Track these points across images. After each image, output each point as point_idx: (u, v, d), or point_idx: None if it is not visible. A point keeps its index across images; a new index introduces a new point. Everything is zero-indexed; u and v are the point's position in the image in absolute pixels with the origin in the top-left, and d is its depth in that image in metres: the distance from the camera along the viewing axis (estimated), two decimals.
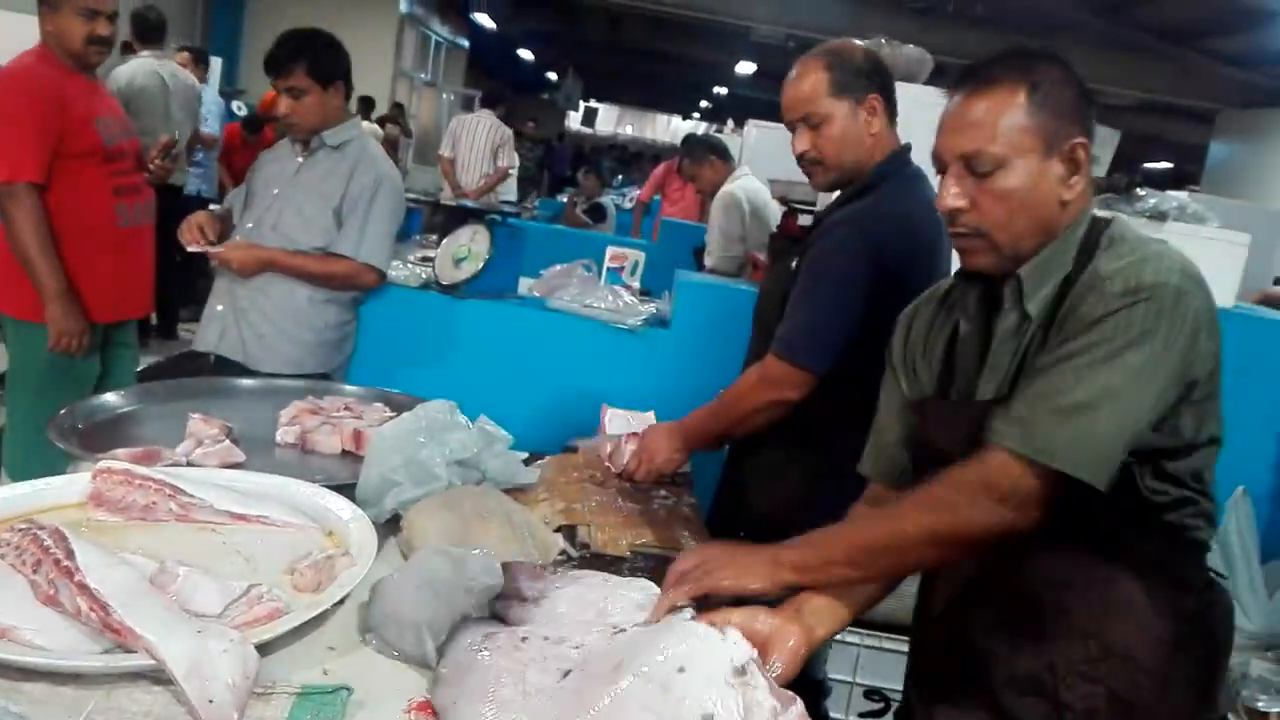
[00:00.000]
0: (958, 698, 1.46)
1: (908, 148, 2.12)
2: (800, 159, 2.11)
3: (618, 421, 2.43)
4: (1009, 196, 1.32)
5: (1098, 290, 1.27)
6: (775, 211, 4.76)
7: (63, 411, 1.96)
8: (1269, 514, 2.74)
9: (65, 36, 2.81)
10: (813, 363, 2.00)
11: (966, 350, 1.45)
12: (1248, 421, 2.81)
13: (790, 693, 1.10)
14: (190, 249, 2.74)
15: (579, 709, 1.07)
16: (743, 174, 4.97)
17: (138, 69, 5.60)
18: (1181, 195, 3.73)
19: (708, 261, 4.86)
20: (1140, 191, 3.28)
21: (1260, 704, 1.88)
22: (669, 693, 1.05)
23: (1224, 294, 3.03)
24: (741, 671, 1.09)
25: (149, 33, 5.74)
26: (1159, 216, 3.16)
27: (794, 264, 2.11)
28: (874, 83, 2.06)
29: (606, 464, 2.12)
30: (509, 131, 8.19)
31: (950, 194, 1.35)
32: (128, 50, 5.81)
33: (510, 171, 8.23)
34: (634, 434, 2.14)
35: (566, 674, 1.15)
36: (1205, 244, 3.10)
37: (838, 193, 2.14)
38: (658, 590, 1.36)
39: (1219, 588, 1.45)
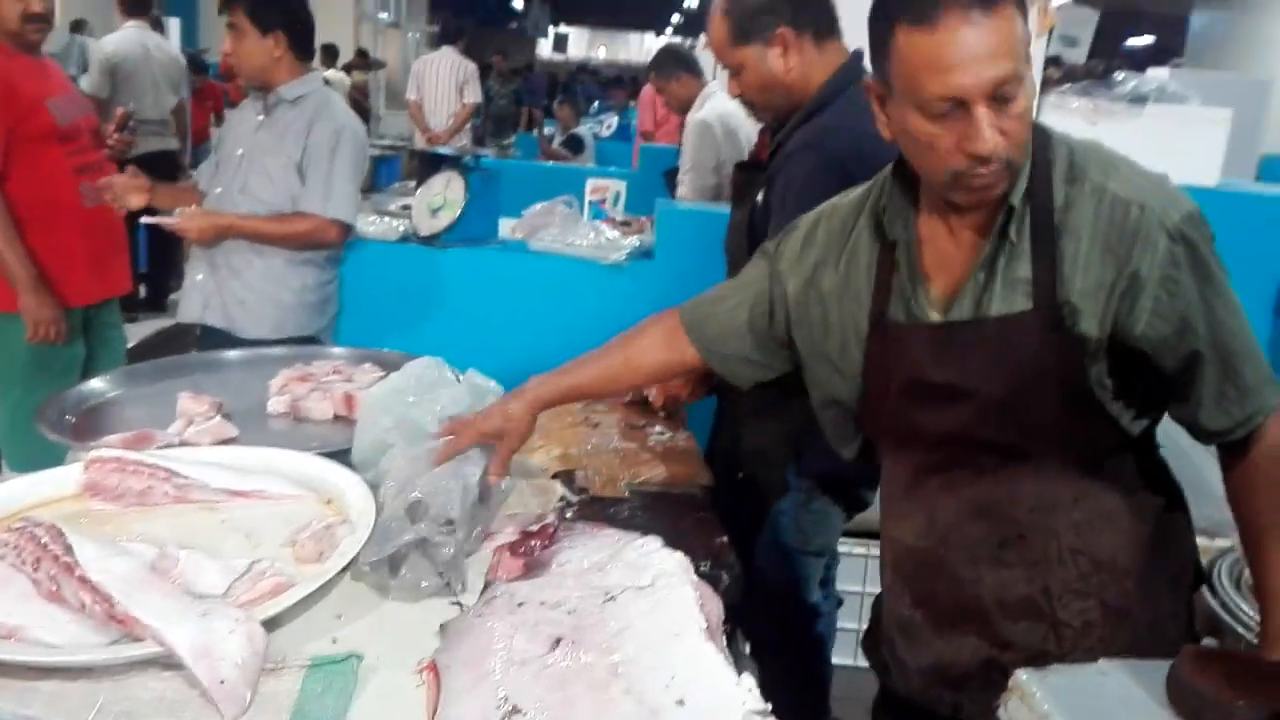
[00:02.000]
0: (945, 626, 1.45)
1: (856, 55, 2.05)
2: (740, 100, 2.11)
3: None
4: (1025, 113, 1.24)
5: (1151, 223, 1.24)
6: (751, 132, 4.63)
7: (50, 403, 1.95)
8: None
9: (0, 18, 2.74)
10: None
11: (910, 278, 1.38)
12: (1242, 299, 2.81)
13: None
14: (144, 221, 2.73)
15: (563, 701, 1.08)
16: (713, 92, 4.69)
17: (121, 40, 5.76)
18: (1161, 74, 3.68)
19: (680, 192, 4.66)
20: (1118, 75, 3.23)
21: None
22: None
23: (1207, 172, 3.00)
24: None
25: (135, 5, 5.90)
26: (1139, 100, 3.11)
27: (760, 197, 2.07)
28: (780, 15, 1.96)
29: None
30: (473, 66, 8.04)
31: (989, 135, 1.20)
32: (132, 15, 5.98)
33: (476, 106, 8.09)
34: None
35: (556, 642, 1.16)
36: (1187, 123, 3.06)
37: None
38: (658, 545, 1.36)
39: (1174, 477, 1.48)
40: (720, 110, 4.53)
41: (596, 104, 14.67)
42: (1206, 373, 1.28)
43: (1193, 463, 2.31)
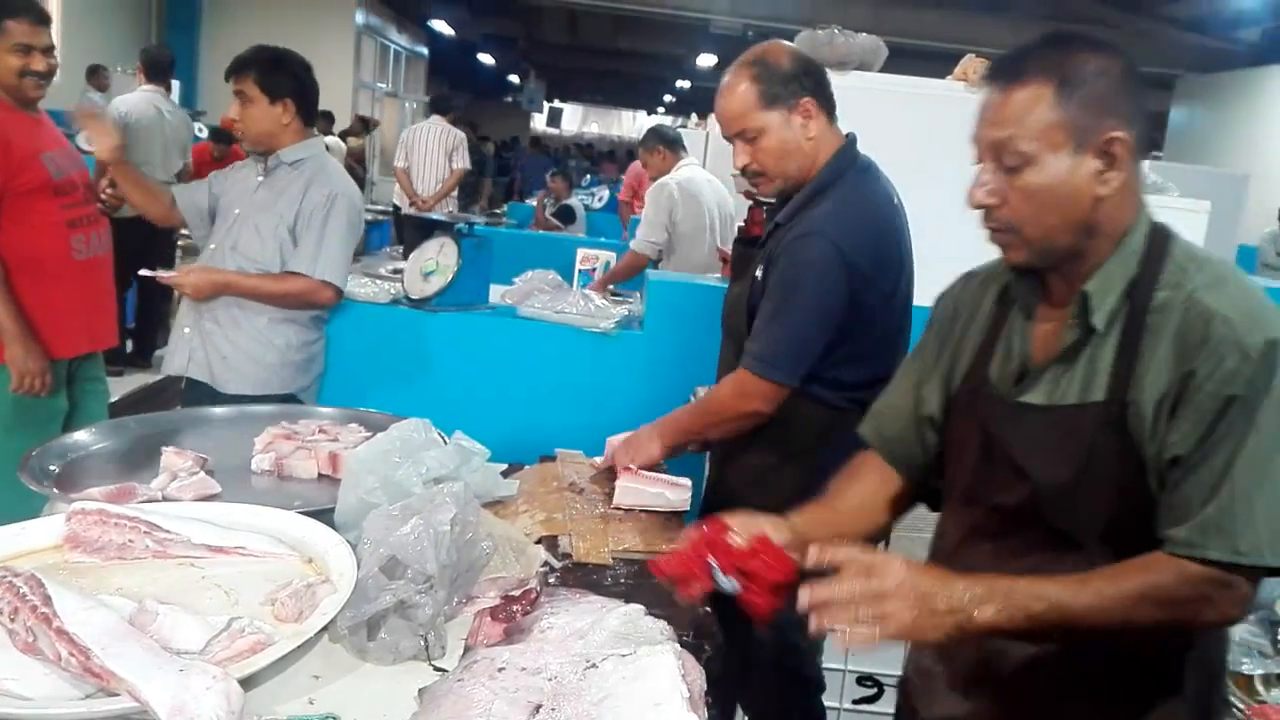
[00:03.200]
0: (961, 682, 1.46)
1: (852, 140, 2.12)
2: (744, 172, 2.11)
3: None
4: (1037, 194, 1.28)
5: (1228, 337, 1.22)
6: (714, 202, 4.84)
7: (35, 453, 1.94)
8: None
9: (0, 74, 2.78)
10: (786, 377, 2.01)
11: (1015, 350, 1.41)
12: None
13: None
14: (142, 273, 2.76)
15: None
16: (686, 164, 5.03)
17: (136, 101, 6.07)
18: (1142, 166, 3.74)
19: (631, 244, 4.96)
20: None
21: (1244, 667, 1.90)
22: None
23: None
24: None
25: (155, 70, 6.29)
26: None
27: (759, 273, 2.10)
28: (805, 85, 2.03)
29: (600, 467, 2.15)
30: (461, 135, 8.18)
31: (981, 190, 1.32)
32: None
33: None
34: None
35: (537, 709, 1.15)
36: (1167, 214, 3.12)
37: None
38: (641, 613, 1.36)
39: None
40: (681, 177, 4.92)
41: (589, 177, 14.90)
42: (1204, 490, 1.24)
43: None
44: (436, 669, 1.35)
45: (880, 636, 1.17)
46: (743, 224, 3.43)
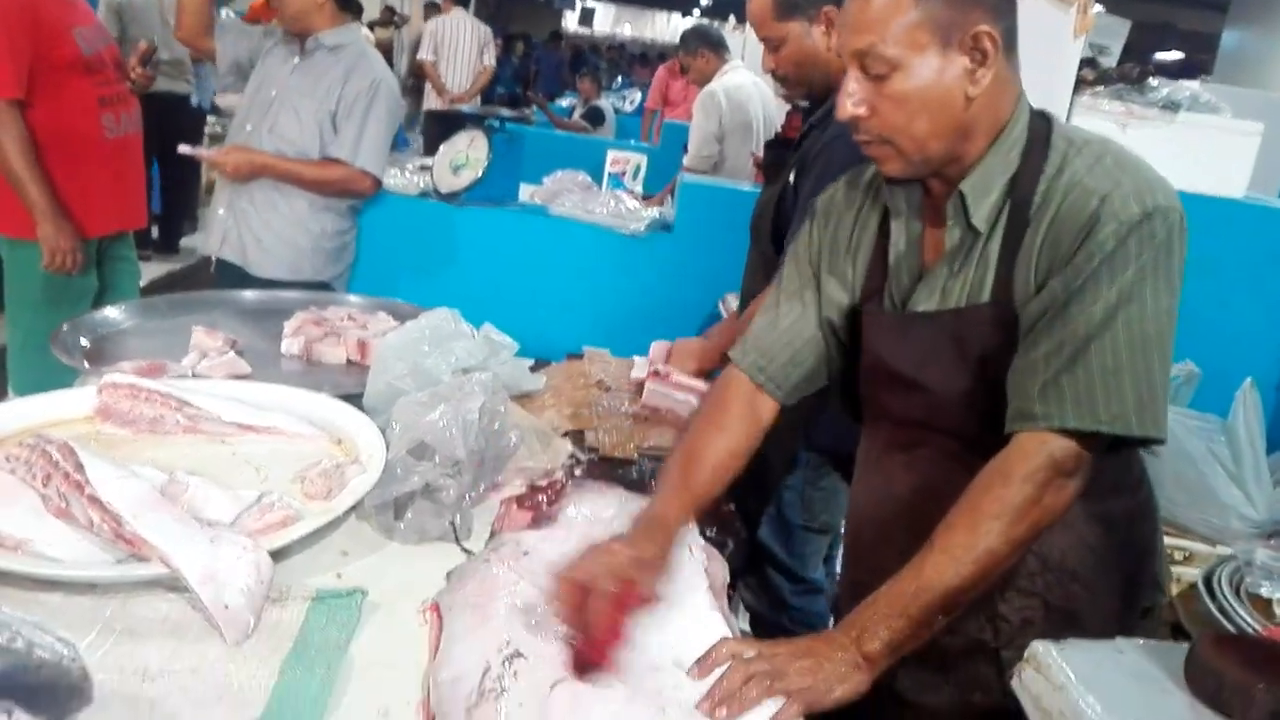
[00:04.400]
0: None
1: None
2: (773, 75, 2.11)
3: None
4: (906, 100, 1.21)
5: (1105, 212, 1.16)
6: (760, 109, 4.65)
7: (66, 327, 1.95)
8: (1277, 405, 2.75)
9: None
10: None
11: (903, 259, 1.35)
12: (1257, 313, 2.80)
13: None
14: (181, 151, 2.73)
15: (564, 650, 1.09)
16: (732, 68, 4.78)
17: None
18: (1194, 85, 3.64)
19: (685, 160, 4.76)
20: (1152, 81, 3.20)
21: (1264, 590, 1.90)
22: None
23: (1235, 184, 2.98)
24: None
25: None
26: (1171, 106, 3.08)
27: (791, 177, 2.06)
28: None
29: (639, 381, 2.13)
30: (489, 30, 8.04)
31: (849, 101, 1.24)
32: None
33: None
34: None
35: None
36: (1218, 134, 3.03)
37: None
38: None
39: (1148, 487, 1.43)
40: (729, 83, 4.65)
41: (620, 79, 14.62)
42: (1051, 359, 1.18)
43: (1198, 468, 2.31)
44: (464, 550, 1.37)
45: (796, 712, 1.07)
46: (780, 129, 3.37)
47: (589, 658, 1.08)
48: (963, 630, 1.33)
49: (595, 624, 1.10)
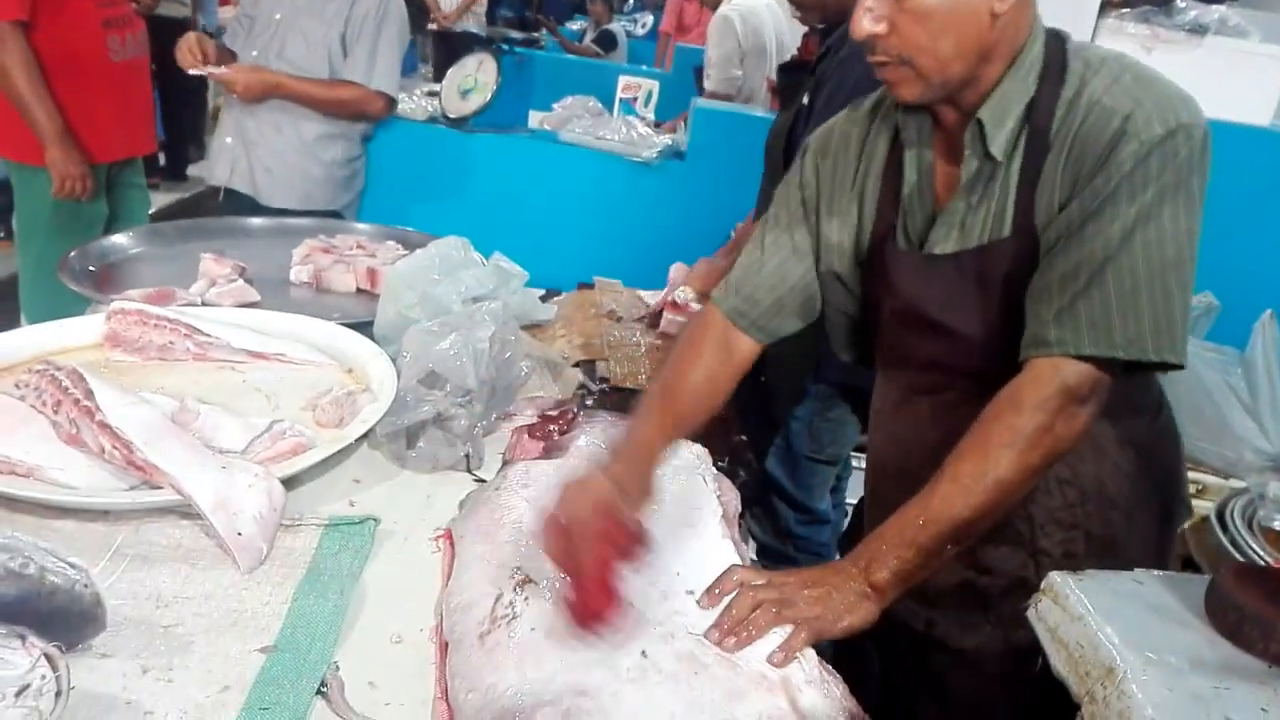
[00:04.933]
0: None
1: None
2: None
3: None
4: (930, 16, 1.14)
5: (1128, 129, 1.11)
6: (773, 32, 4.56)
7: (74, 254, 1.93)
8: None
9: None
10: None
11: (916, 193, 1.29)
12: (1278, 243, 2.76)
13: None
14: (191, 71, 2.67)
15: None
16: None
17: None
18: (1221, 8, 3.54)
19: (707, 85, 4.65)
20: (1179, 3, 3.11)
21: (1276, 523, 1.89)
22: None
23: (1263, 110, 2.91)
24: None
25: None
26: (1198, 30, 3.00)
27: (806, 100, 2.01)
28: None
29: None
30: None
31: (867, 18, 1.16)
32: None
33: None
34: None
35: None
36: (1246, 58, 2.95)
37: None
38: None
39: (1166, 409, 1.41)
40: (742, 7, 4.55)
41: (632, 2, 14.31)
42: (1066, 282, 1.14)
43: (1214, 401, 2.30)
44: (477, 479, 1.37)
45: (804, 640, 1.05)
46: (796, 51, 3.29)
47: (585, 606, 1.00)
48: (1003, 570, 1.32)
49: (585, 566, 1.03)
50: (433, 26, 7.61)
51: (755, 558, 2.32)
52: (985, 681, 1.36)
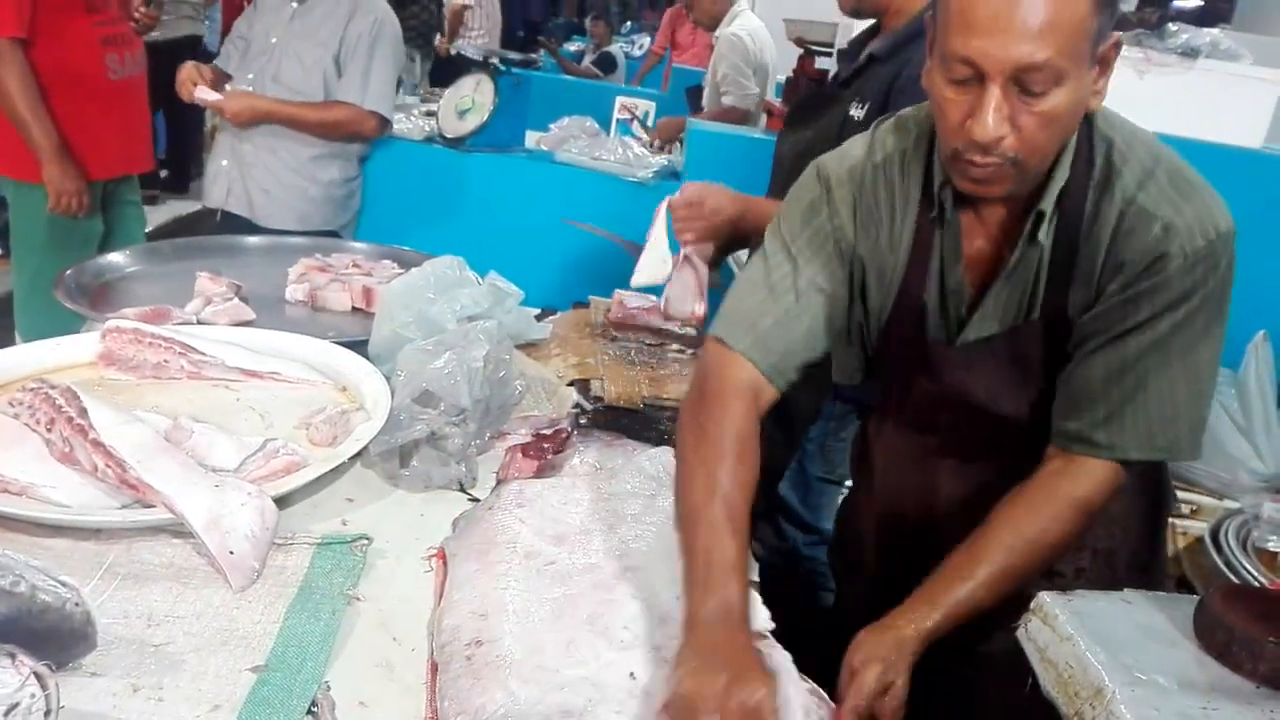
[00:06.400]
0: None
1: None
2: None
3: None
4: (1056, 119, 1.08)
5: (1171, 244, 1.12)
6: (770, 56, 4.56)
7: (69, 271, 1.94)
8: None
9: None
10: None
11: (953, 277, 1.26)
12: (1272, 265, 2.76)
13: None
14: (195, 100, 2.70)
15: (566, 597, 1.10)
16: (741, 10, 4.67)
17: None
18: (1213, 31, 3.57)
19: (726, 101, 4.64)
20: (1171, 27, 3.13)
21: (1271, 544, 1.90)
22: None
23: (1255, 133, 2.93)
24: None
25: None
26: (1190, 53, 3.02)
27: (854, 111, 1.95)
28: None
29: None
30: None
31: (995, 119, 1.06)
32: None
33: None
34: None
35: (563, 541, 1.16)
36: (1237, 81, 2.97)
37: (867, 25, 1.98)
38: (669, 454, 1.34)
39: None
40: (750, 26, 4.56)
41: (629, 24, 14.40)
42: (1111, 387, 1.17)
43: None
44: (471, 498, 1.37)
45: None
46: (792, 73, 3.31)
47: None
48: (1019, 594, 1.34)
49: None
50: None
51: (757, 578, 2.32)
52: (997, 679, 1.38)
